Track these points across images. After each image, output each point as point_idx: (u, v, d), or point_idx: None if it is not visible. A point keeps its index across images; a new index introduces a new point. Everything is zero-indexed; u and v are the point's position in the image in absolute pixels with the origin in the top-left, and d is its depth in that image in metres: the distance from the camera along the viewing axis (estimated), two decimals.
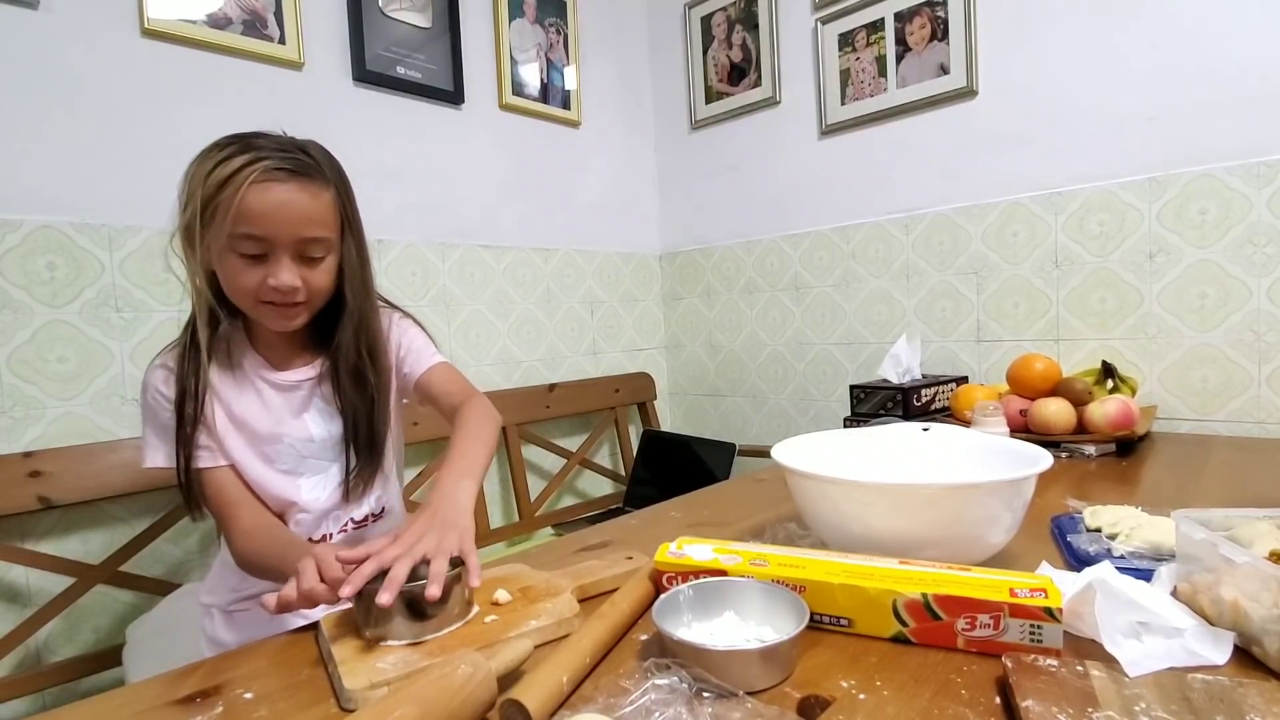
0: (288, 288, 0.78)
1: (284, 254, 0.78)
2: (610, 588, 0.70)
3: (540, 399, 2.02)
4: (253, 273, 0.78)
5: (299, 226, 0.78)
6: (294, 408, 0.89)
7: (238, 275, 0.78)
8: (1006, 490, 0.66)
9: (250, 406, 0.87)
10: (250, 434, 0.86)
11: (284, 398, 0.89)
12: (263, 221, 0.76)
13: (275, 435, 0.87)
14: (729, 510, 1.02)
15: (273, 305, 0.80)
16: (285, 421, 0.88)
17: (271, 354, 0.89)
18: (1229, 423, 1.40)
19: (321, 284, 0.83)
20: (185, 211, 0.77)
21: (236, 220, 0.75)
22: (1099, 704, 0.45)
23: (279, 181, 0.77)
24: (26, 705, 1.21)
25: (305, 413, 0.89)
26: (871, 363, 1.90)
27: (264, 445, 0.87)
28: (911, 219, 1.83)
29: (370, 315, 0.90)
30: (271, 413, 0.87)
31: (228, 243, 0.76)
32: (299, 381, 0.89)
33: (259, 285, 0.78)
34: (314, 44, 1.62)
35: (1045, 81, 1.58)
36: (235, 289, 0.79)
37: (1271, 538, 0.58)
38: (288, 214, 0.77)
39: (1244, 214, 1.36)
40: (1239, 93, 1.35)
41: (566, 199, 2.19)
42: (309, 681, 0.56)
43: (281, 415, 0.88)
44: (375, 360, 0.90)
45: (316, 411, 0.90)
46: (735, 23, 2.15)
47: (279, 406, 0.88)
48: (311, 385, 0.90)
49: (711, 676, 0.49)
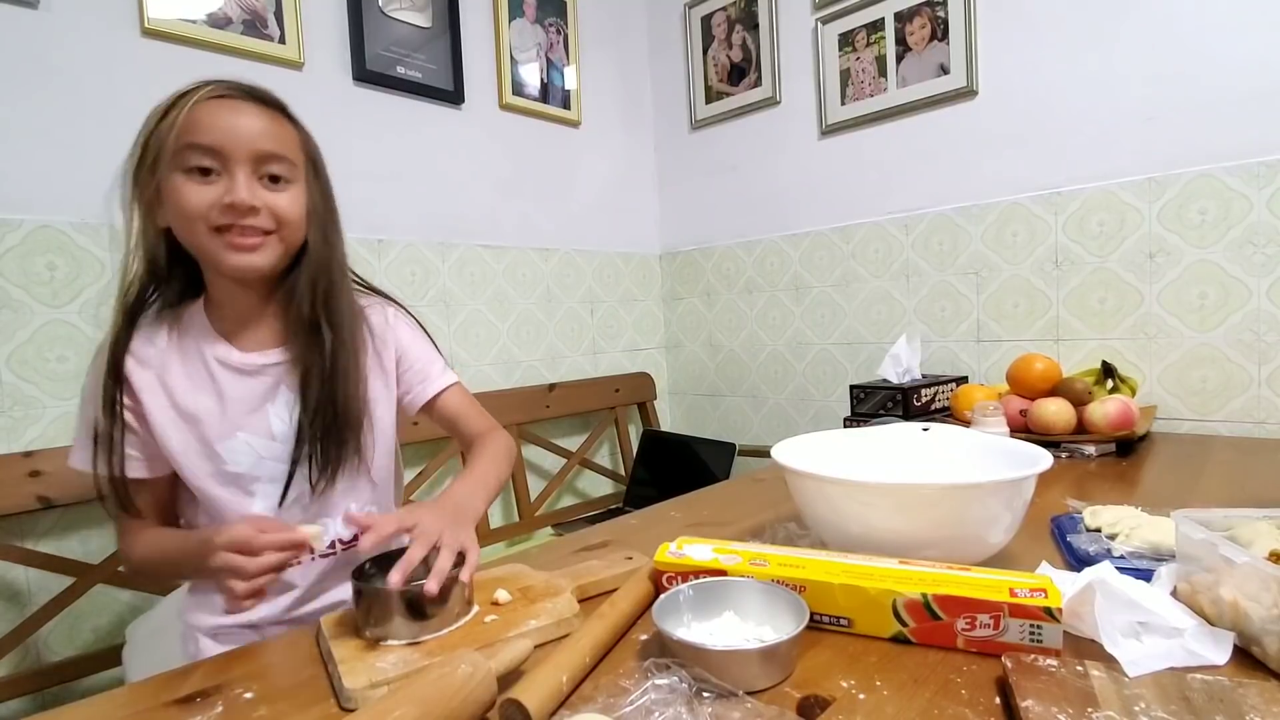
0: (244, 204, 0.68)
1: (240, 169, 0.69)
2: (610, 588, 0.70)
3: (540, 399, 2.02)
4: (204, 190, 0.68)
5: (255, 138, 0.70)
6: (255, 397, 0.78)
7: (186, 195, 0.68)
8: (1006, 490, 0.66)
9: (201, 399, 0.75)
10: (202, 428, 0.75)
11: (244, 385, 0.77)
12: (213, 131, 0.68)
13: (227, 431, 0.76)
14: (729, 510, 1.02)
15: (229, 235, 0.70)
16: (240, 415, 0.77)
17: (234, 331, 0.78)
18: (1229, 423, 1.40)
19: (287, 210, 0.73)
20: (129, 156, 0.70)
21: (183, 132, 0.67)
22: (1099, 704, 0.45)
23: (233, 99, 0.70)
24: (26, 705, 1.21)
25: (269, 404, 0.78)
26: (871, 363, 1.90)
27: (215, 441, 0.75)
28: (911, 219, 1.83)
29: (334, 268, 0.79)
30: (226, 404, 0.76)
31: (174, 161, 0.67)
32: (263, 366, 0.78)
33: (211, 205, 0.68)
34: (314, 44, 1.62)
35: (1045, 81, 1.58)
36: (184, 213, 0.69)
37: (1271, 538, 0.58)
38: (242, 126, 0.70)
39: (1244, 214, 1.36)
40: (1239, 93, 1.35)
41: (566, 199, 2.19)
42: (309, 681, 0.56)
43: (237, 406, 0.77)
44: (337, 321, 0.78)
45: (282, 404, 0.78)
46: (735, 22, 2.15)
47: (237, 396, 0.77)
48: (279, 372, 0.78)
49: (711, 676, 0.49)
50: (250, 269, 0.72)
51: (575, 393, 2.11)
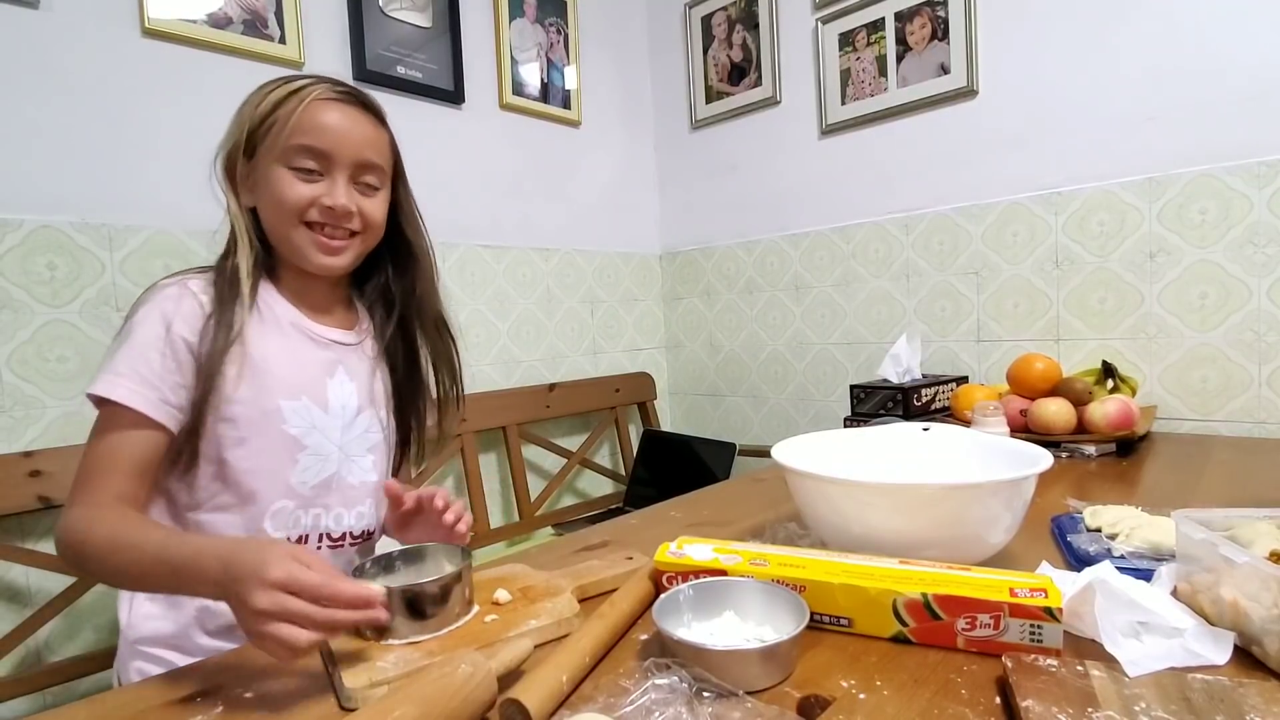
0: (343, 209, 0.74)
1: (341, 174, 0.74)
2: (610, 588, 0.70)
3: (540, 399, 2.02)
4: (306, 188, 0.73)
5: (360, 147, 0.75)
6: (321, 366, 0.80)
7: (288, 189, 0.72)
8: (1006, 490, 0.66)
9: (276, 351, 0.76)
10: (271, 381, 0.74)
11: (315, 353, 0.80)
12: (325, 135, 0.72)
13: (297, 388, 0.77)
14: (729, 510, 1.02)
15: (319, 232, 0.75)
16: (308, 380, 0.78)
17: (309, 307, 0.81)
18: (1229, 423, 1.40)
19: (376, 215, 0.78)
20: (230, 138, 0.74)
21: (295, 132, 0.71)
22: (1099, 704, 0.45)
23: (343, 102, 0.74)
24: (26, 705, 1.21)
25: (329, 378, 0.80)
26: (871, 363, 1.90)
27: (282, 397, 0.75)
28: (911, 219, 1.83)
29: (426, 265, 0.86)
30: (298, 365, 0.78)
31: (282, 156, 0.72)
32: (332, 341, 0.81)
33: (309, 203, 0.73)
34: (314, 44, 1.62)
35: (1045, 81, 1.58)
36: (283, 205, 0.73)
37: (1271, 538, 0.57)
38: (350, 132, 0.74)
39: (1244, 214, 1.36)
40: (1239, 93, 1.35)
41: (566, 199, 2.19)
42: (309, 681, 0.56)
43: (307, 371, 0.78)
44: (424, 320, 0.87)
45: (339, 382, 0.81)
46: (735, 22, 2.15)
47: (308, 359, 0.79)
48: (344, 351, 0.82)
49: (711, 676, 0.49)
50: (334, 269, 0.78)
51: (575, 393, 2.11)
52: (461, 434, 1.80)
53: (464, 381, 0.91)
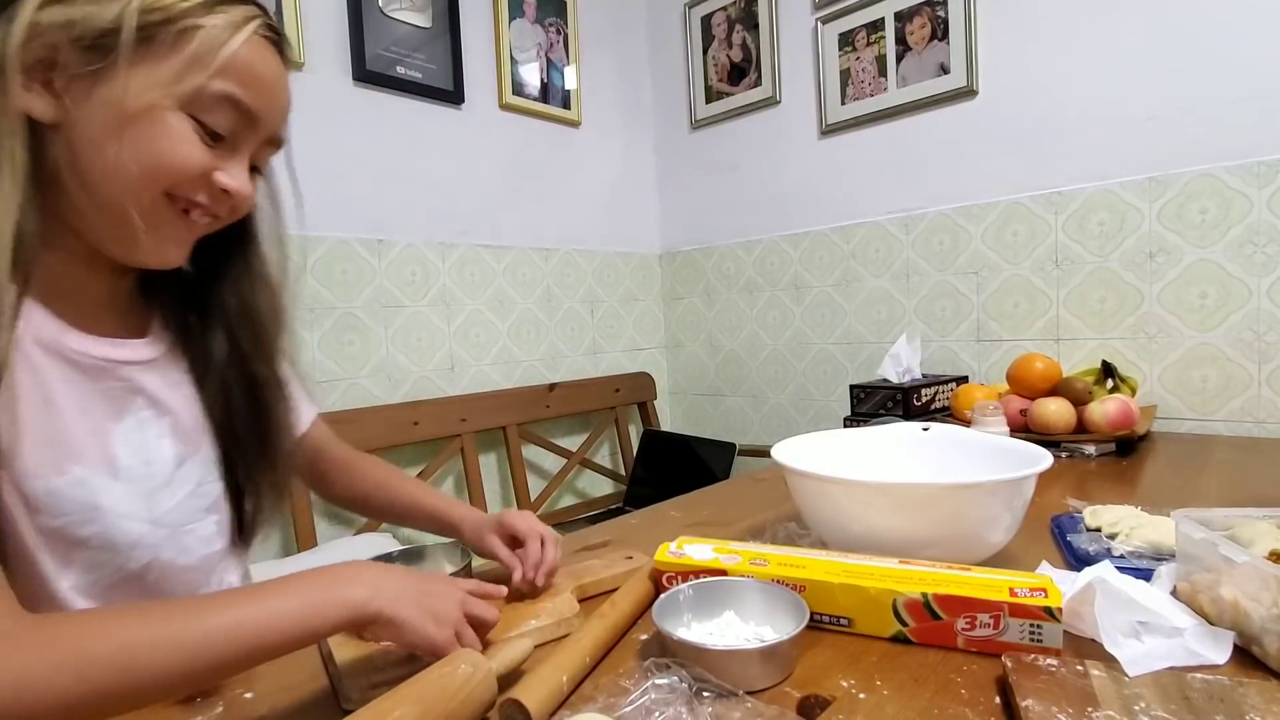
0: (242, 195, 0.54)
1: (250, 147, 0.54)
2: (610, 588, 0.70)
3: (540, 399, 2.02)
4: (202, 154, 0.50)
5: (285, 114, 0.57)
6: (101, 408, 0.54)
7: (179, 147, 0.49)
8: (1006, 490, 0.66)
9: (22, 396, 0.48)
10: (11, 449, 0.47)
11: (87, 388, 0.53)
12: (259, 91, 0.52)
13: (62, 454, 0.51)
14: (729, 510, 1.02)
15: (188, 215, 0.53)
16: (83, 432, 0.52)
17: (73, 311, 0.53)
18: (1229, 422, 1.40)
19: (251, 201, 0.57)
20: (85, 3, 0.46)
21: (225, 73, 0.49)
22: (1099, 704, 0.45)
23: (276, 49, 0.54)
24: None
25: (115, 422, 0.54)
26: (871, 363, 1.90)
27: (32, 475, 0.49)
28: (911, 219, 1.83)
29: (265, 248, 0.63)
30: (59, 411, 0.51)
31: (188, 98, 0.48)
32: (113, 362, 0.54)
33: (199, 175, 0.51)
34: (314, 44, 1.62)
35: (1045, 81, 1.58)
36: (158, 165, 0.49)
37: (1271, 538, 0.57)
38: (282, 94, 0.55)
39: (1244, 214, 1.36)
40: (1239, 93, 1.35)
41: (566, 199, 2.19)
42: (309, 681, 0.56)
43: (79, 420, 0.52)
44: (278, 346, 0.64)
45: (137, 424, 0.56)
46: (735, 22, 2.15)
47: (76, 402, 0.52)
48: (138, 373, 0.56)
49: (711, 676, 0.49)
50: (174, 265, 0.55)
51: (575, 393, 2.11)
52: (462, 434, 1.80)
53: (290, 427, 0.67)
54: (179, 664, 0.41)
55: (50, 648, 0.39)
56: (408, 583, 0.51)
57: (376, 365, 1.73)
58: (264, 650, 0.44)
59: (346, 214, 1.68)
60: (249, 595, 0.46)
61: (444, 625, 0.51)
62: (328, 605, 0.46)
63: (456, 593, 0.53)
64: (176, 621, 0.42)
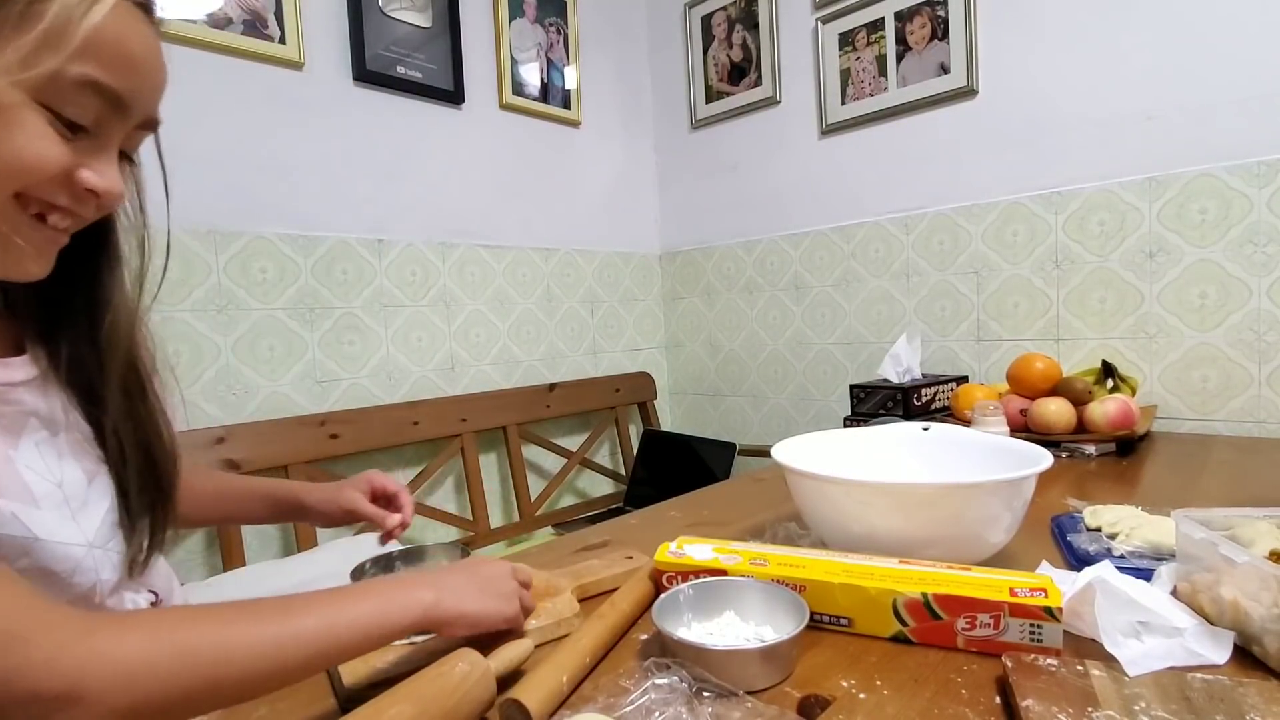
0: (112, 194, 0.46)
1: (118, 136, 0.46)
2: (610, 587, 0.70)
3: (540, 399, 2.02)
4: (60, 151, 0.42)
5: (158, 95, 0.49)
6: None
7: (34, 144, 0.40)
8: (1006, 490, 0.66)
9: None
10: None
11: None
12: (128, 72, 0.44)
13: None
14: (729, 510, 1.02)
15: (45, 219, 0.44)
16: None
17: None
18: (1229, 422, 1.40)
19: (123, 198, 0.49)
20: None
21: (85, 52, 0.40)
22: (1099, 703, 0.45)
23: (147, 20, 0.46)
24: None
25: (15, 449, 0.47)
26: (871, 363, 1.90)
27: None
28: (911, 219, 1.83)
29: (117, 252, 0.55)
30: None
31: (40, 84, 0.39)
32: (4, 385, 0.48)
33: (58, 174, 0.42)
34: (314, 44, 1.62)
35: (1045, 81, 1.58)
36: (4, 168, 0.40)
37: (1271, 538, 0.57)
38: (156, 72, 0.47)
39: (1244, 214, 1.36)
40: (1239, 93, 1.35)
41: (566, 199, 2.19)
42: (309, 681, 0.56)
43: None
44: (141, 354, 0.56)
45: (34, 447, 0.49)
46: (735, 22, 2.15)
47: None
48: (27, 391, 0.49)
49: (711, 676, 0.49)
50: (37, 278, 0.46)
51: (575, 392, 2.11)
52: (462, 434, 1.81)
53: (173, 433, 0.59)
54: (272, 662, 0.43)
55: (154, 639, 0.39)
56: (464, 576, 0.56)
57: (377, 365, 1.73)
58: (343, 651, 0.46)
59: (346, 214, 1.68)
60: (328, 598, 0.47)
61: (510, 599, 0.56)
62: (400, 607, 0.49)
63: (503, 565, 0.59)
64: (270, 621, 0.43)
